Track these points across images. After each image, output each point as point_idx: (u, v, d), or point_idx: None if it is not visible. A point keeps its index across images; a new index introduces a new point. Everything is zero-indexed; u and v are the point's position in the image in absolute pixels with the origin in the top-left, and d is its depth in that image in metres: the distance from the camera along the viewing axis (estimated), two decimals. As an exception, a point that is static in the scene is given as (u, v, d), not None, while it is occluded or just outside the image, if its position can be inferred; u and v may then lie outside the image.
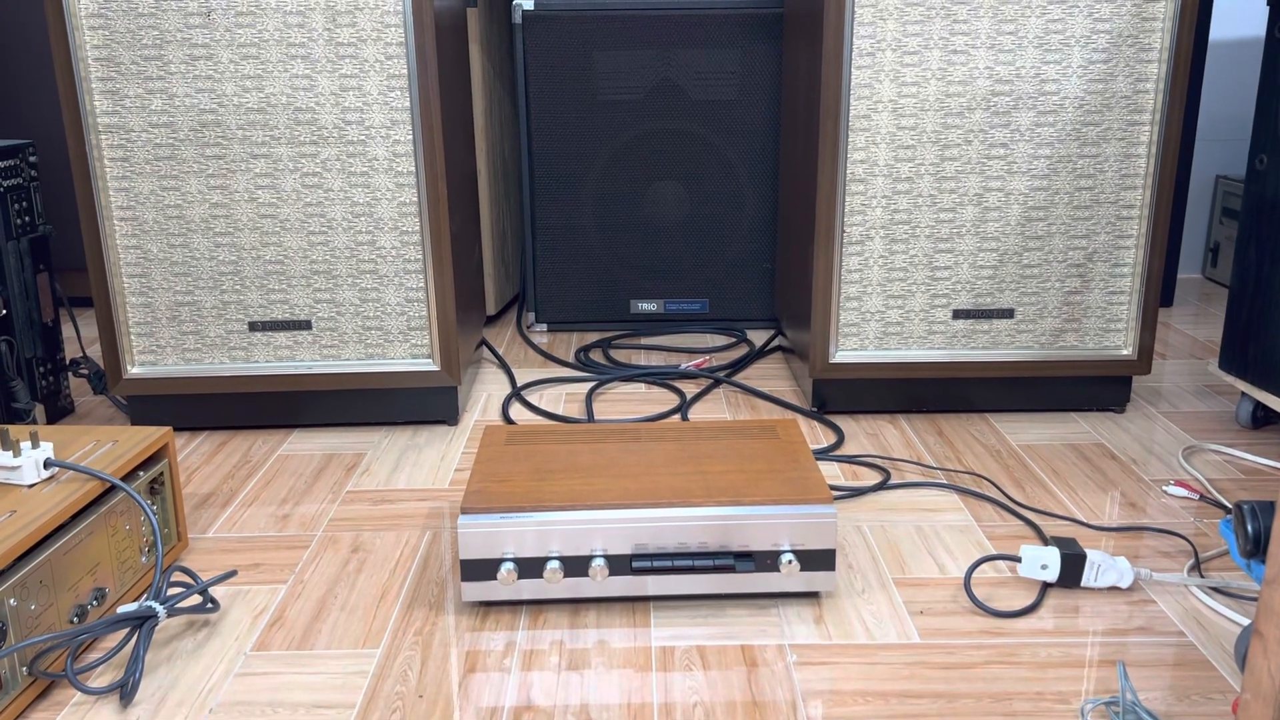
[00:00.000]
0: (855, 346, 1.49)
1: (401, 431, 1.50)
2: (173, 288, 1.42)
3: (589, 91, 1.86)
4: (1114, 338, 1.48)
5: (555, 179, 1.91)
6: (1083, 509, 1.24)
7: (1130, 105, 1.39)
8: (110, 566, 0.99)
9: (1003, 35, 1.37)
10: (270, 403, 1.49)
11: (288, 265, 1.42)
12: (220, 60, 1.34)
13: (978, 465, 1.36)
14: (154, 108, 1.35)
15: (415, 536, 1.18)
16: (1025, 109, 1.39)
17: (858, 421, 1.52)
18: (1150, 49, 1.37)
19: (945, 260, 1.45)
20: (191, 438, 1.48)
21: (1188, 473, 1.33)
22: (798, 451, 1.12)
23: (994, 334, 1.48)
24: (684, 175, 1.91)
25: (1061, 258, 1.45)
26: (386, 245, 1.42)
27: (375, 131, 1.37)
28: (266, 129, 1.37)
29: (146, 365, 1.45)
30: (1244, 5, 2.25)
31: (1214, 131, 2.32)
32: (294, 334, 1.44)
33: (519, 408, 1.59)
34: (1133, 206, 1.43)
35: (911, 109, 1.39)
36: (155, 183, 1.38)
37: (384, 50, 1.34)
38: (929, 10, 1.36)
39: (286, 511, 1.25)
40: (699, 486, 1.04)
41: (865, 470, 1.35)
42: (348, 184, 1.39)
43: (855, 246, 1.45)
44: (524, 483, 1.05)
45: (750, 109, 1.86)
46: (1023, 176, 1.42)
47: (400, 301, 1.44)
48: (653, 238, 1.94)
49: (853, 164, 1.42)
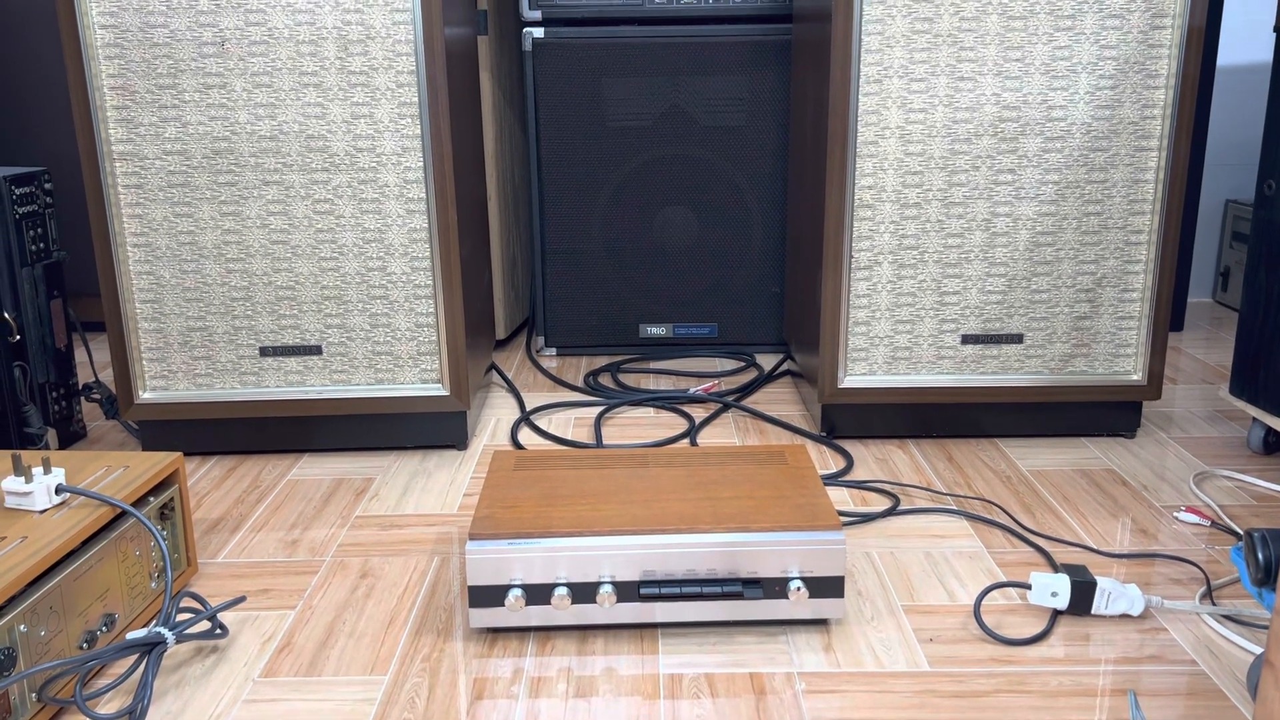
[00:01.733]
0: (864, 371, 1.49)
1: (411, 456, 1.50)
2: (185, 313, 1.43)
3: (598, 118, 1.87)
4: (1124, 363, 1.48)
5: (565, 204, 1.92)
6: (1093, 535, 1.23)
7: (1138, 131, 1.40)
8: (120, 592, 0.99)
9: (1010, 62, 1.37)
10: (280, 427, 1.50)
11: (299, 291, 1.43)
12: (234, 89, 1.35)
13: (987, 491, 1.36)
14: (168, 135, 1.37)
15: (423, 562, 1.19)
16: (1033, 135, 1.40)
17: (867, 446, 1.52)
18: (1157, 75, 1.38)
19: (954, 285, 1.45)
20: (202, 462, 1.49)
21: (1199, 499, 1.33)
22: (806, 477, 1.12)
23: (1003, 359, 1.48)
24: (692, 200, 1.91)
25: (1070, 283, 1.45)
26: (397, 271, 1.43)
27: (386, 158, 1.39)
28: (278, 156, 1.38)
29: (158, 390, 1.45)
30: (1252, 31, 2.26)
31: (1223, 156, 2.32)
32: (304, 359, 1.45)
33: (528, 432, 1.60)
34: (1141, 232, 1.43)
35: (919, 135, 1.40)
36: (168, 209, 1.39)
37: (395, 79, 1.36)
38: (936, 38, 1.37)
39: (296, 536, 1.26)
40: (707, 513, 1.04)
41: (874, 496, 1.35)
42: (359, 210, 1.40)
43: (863, 271, 1.45)
44: (532, 509, 1.05)
45: (758, 134, 1.87)
46: (1031, 202, 1.42)
47: (410, 327, 1.45)
48: (661, 262, 1.95)
49: (860, 189, 1.42)
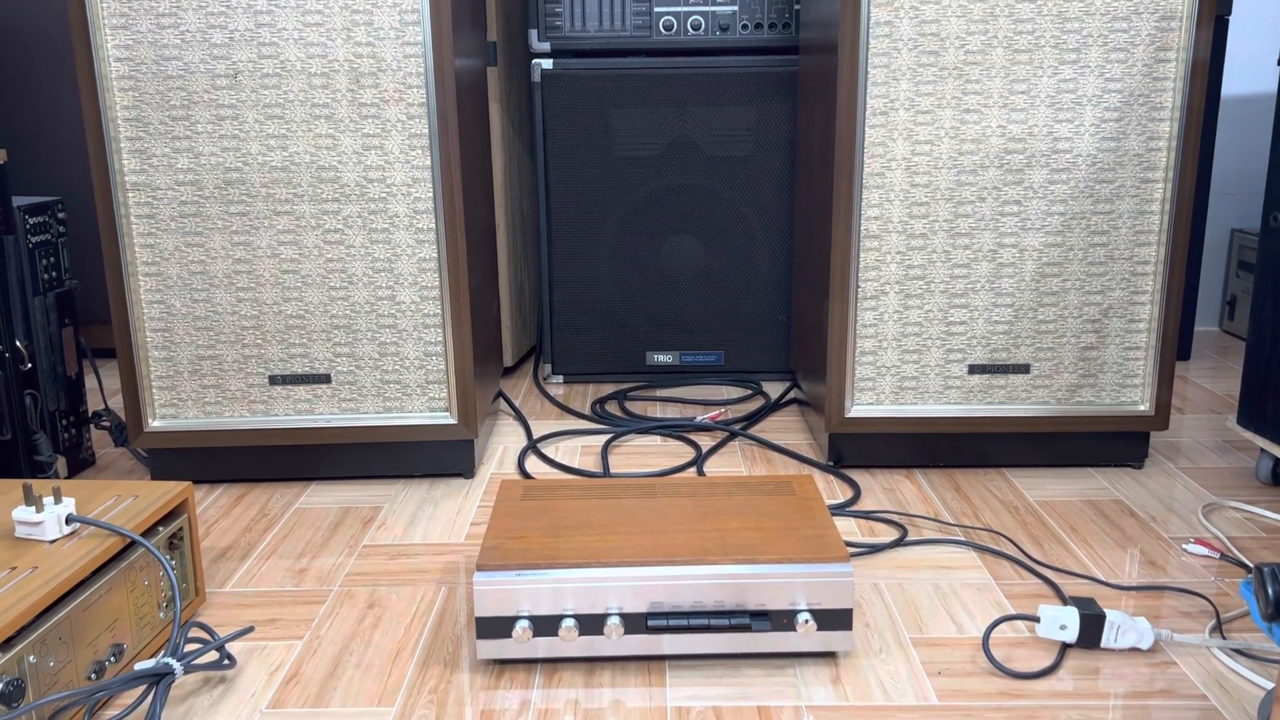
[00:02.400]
0: (871, 401, 1.49)
1: (418, 484, 1.51)
2: (195, 342, 1.44)
3: (606, 148, 1.88)
4: (1131, 393, 1.48)
5: (572, 233, 1.93)
6: (1102, 567, 1.23)
7: (1143, 163, 1.40)
8: (129, 622, 1.00)
9: (1015, 94, 1.38)
10: (288, 456, 1.50)
11: (308, 320, 1.44)
12: (246, 120, 1.37)
13: (995, 522, 1.35)
14: (180, 166, 1.38)
15: (431, 592, 1.19)
16: (1038, 166, 1.41)
17: (874, 476, 1.52)
18: (1162, 108, 1.39)
19: (960, 315, 1.46)
20: (210, 490, 1.49)
21: (1208, 530, 1.32)
22: (814, 508, 1.12)
23: (1010, 389, 1.48)
24: (699, 229, 1.92)
25: (1077, 313, 1.45)
26: (406, 300, 1.44)
27: (396, 189, 1.40)
28: (289, 187, 1.39)
29: (167, 419, 1.46)
30: (1256, 62, 2.27)
31: (1229, 185, 2.33)
32: (313, 388, 1.46)
33: (535, 460, 1.60)
34: (1147, 263, 1.44)
35: (925, 166, 1.41)
36: (180, 239, 1.40)
37: (406, 111, 1.37)
38: (942, 71, 1.38)
39: (303, 566, 1.26)
40: (715, 544, 1.04)
41: (882, 526, 1.35)
42: (368, 240, 1.41)
43: (870, 301, 1.46)
44: (539, 539, 1.05)
45: (765, 164, 1.89)
46: (1037, 233, 1.43)
47: (419, 355, 1.45)
48: (668, 290, 1.96)
49: (867, 220, 1.43)
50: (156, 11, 1.33)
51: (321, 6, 1.34)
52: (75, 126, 2.08)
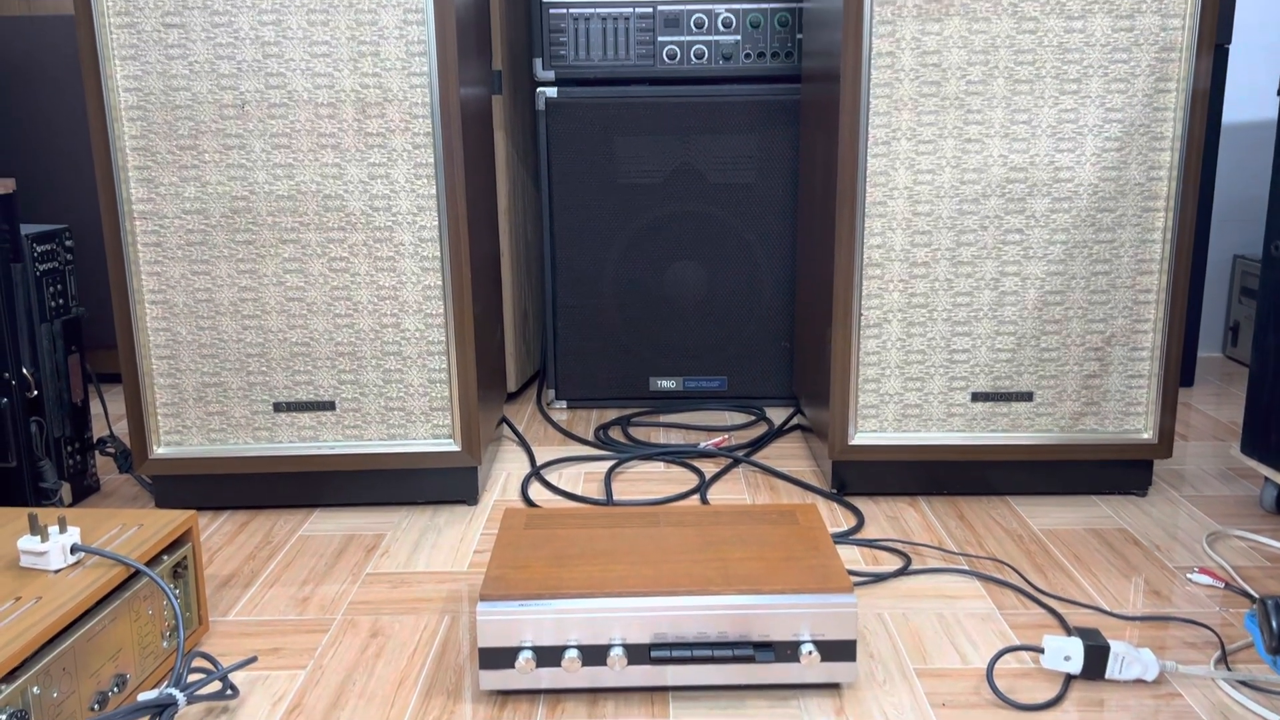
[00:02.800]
0: (874, 429, 1.49)
1: (421, 511, 1.51)
2: (200, 369, 1.44)
3: (610, 175, 1.90)
4: (1134, 421, 1.48)
5: (576, 259, 1.94)
6: (1106, 596, 1.22)
7: (1144, 192, 1.41)
8: (132, 652, 1.00)
9: (1016, 124, 1.39)
10: (293, 483, 1.51)
11: (313, 347, 1.44)
12: (253, 150, 1.38)
13: (999, 550, 1.35)
14: (187, 195, 1.39)
15: (434, 621, 1.18)
16: (1040, 196, 1.41)
17: (878, 504, 1.51)
18: (1163, 138, 1.40)
19: (963, 343, 1.46)
20: (214, 517, 1.50)
21: (1212, 559, 1.32)
22: (818, 538, 1.12)
23: (1013, 417, 1.48)
24: (703, 255, 1.93)
25: (1079, 341, 1.46)
26: (410, 328, 1.44)
27: (402, 218, 1.41)
28: (296, 215, 1.40)
29: (172, 446, 1.46)
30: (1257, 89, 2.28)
31: (1230, 212, 2.34)
32: (318, 415, 1.46)
33: (538, 487, 1.60)
34: (1149, 291, 1.44)
35: (927, 196, 1.42)
36: (186, 267, 1.41)
37: (412, 140, 1.38)
38: (943, 101, 1.39)
39: (307, 594, 1.26)
40: (718, 574, 1.04)
41: (886, 555, 1.34)
42: (374, 268, 1.42)
43: (873, 329, 1.46)
44: (542, 569, 1.05)
45: (768, 191, 1.90)
46: (1039, 261, 1.43)
47: (423, 383, 1.46)
48: (672, 316, 1.96)
49: (869, 248, 1.44)
50: (165, 43, 1.35)
51: (329, 37, 1.35)
52: (84, 154, 2.10)
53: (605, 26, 1.84)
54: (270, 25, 1.35)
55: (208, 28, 1.35)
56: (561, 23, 1.84)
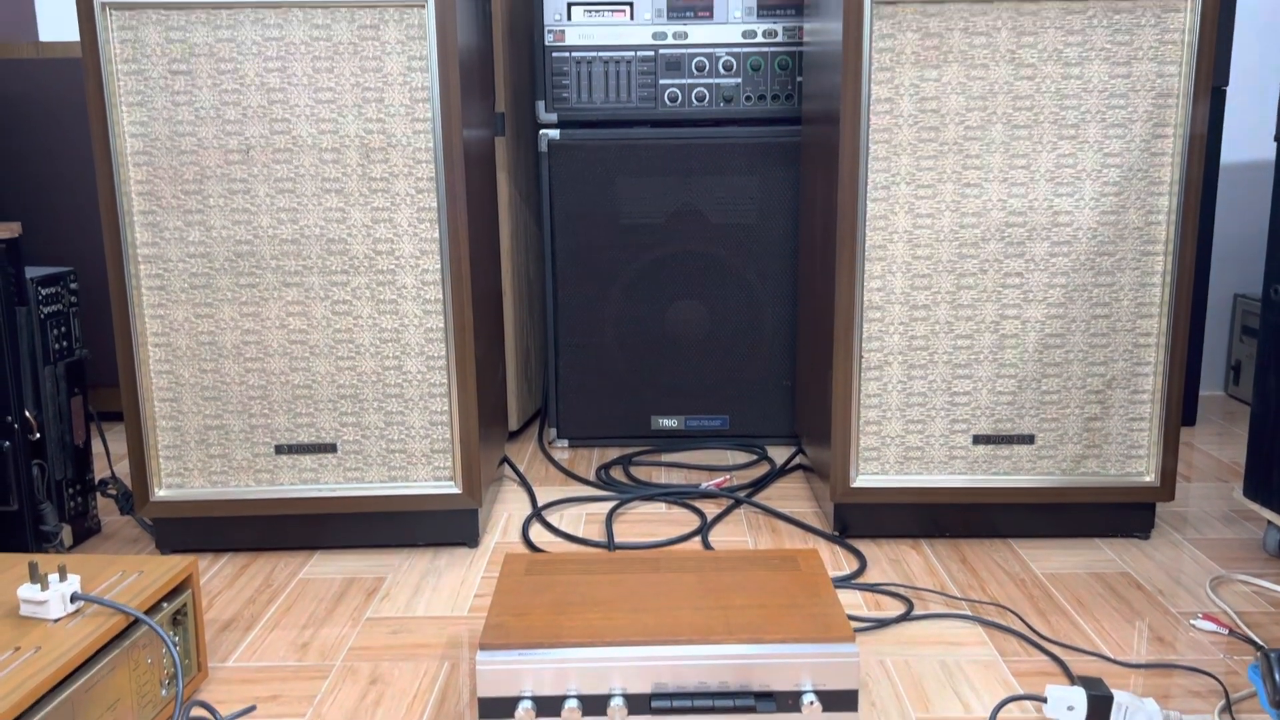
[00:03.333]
0: (876, 471, 1.49)
1: (422, 554, 1.50)
2: (202, 411, 1.44)
3: (612, 215, 1.91)
4: (1136, 464, 1.48)
5: (578, 298, 1.94)
6: (1109, 643, 1.22)
7: (1143, 236, 1.42)
8: (130, 701, 0.99)
9: (1015, 169, 1.40)
10: (293, 525, 1.51)
11: (315, 390, 1.45)
12: (257, 194, 1.39)
13: (1001, 595, 1.35)
14: (192, 239, 1.40)
15: (434, 667, 1.18)
16: (1039, 239, 1.42)
17: (880, 546, 1.51)
18: (1161, 182, 1.40)
19: (964, 386, 1.46)
20: (215, 559, 1.49)
21: (1216, 605, 1.31)
22: (819, 584, 1.11)
23: (1015, 460, 1.48)
24: (704, 295, 1.94)
25: (1080, 384, 1.46)
26: (412, 370, 1.45)
27: (405, 261, 1.42)
28: (299, 259, 1.41)
29: (173, 488, 1.47)
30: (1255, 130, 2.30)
31: (1230, 251, 2.35)
32: (319, 457, 1.46)
33: (539, 529, 1.60)
34: (1150, 334, 1.44)
35: (927, 239, 1.42)
36: (190, 310, 1.42)
37: (415, 185, 1.39)
38: (942, 146, 1.40)
39: (306, 639, 1.25)
40: (720, 622, 1.03)
41: (888, 599, 1.34)
42: (376, 311, 1.43)
43: (874, 371, 1.46)
44: (543, 616, 1.05)
45: (769, 231, 1.91)
46: (1039, 305, 1.44)
47: (424, 425, 1.46)
48: (673, 355, 1.97)
49: (870, 291, 1.44)
50: (172, 89, 1.36)
51: (333, 84, 1.37)
52: (90, 195, 2.11)
53: (607, 69, 1.86)
54: (275, 72, 1.36)
55: (214, 74, 1.36)
56: (564, 65, 1.86)
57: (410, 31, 1.36)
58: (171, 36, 1.35)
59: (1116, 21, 1.37)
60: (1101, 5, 1.36)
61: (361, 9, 1.35)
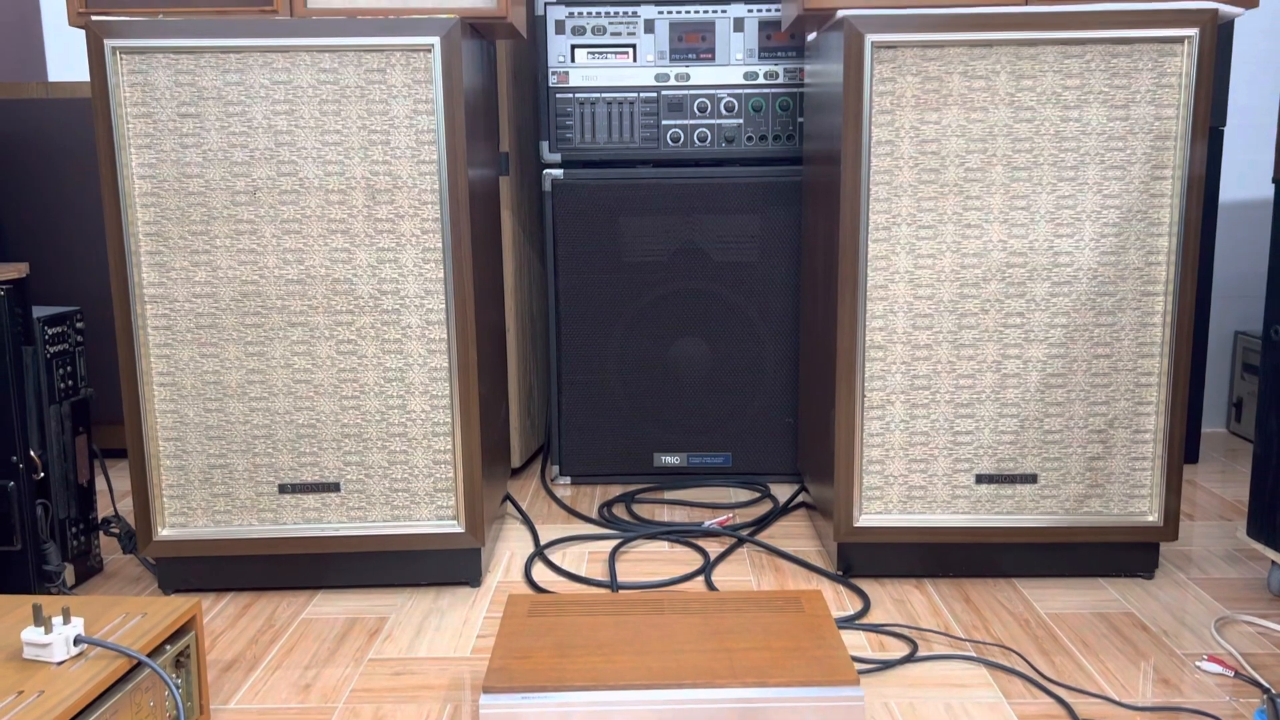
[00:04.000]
0: (879, 510, 1.49)
1: (424, 594, 1.50)
2: (206, 450, 1.45)
3: (615, 253, 1.92)
4: (1139, 503, 1.48)
5: (581, 335, 1.95)
6: (1114, 684, 1.21)
7: (1143, 276, 1.43)
8: (132, 745, 0.99)
9: (1015, 210, 1.41)
10: (296, 564, 1.50)
11: (319, 429, 1.45)
12: (263, 235, 1.40)
13: (1006, 635, 1.34)
14: (198, 279, 1.41)
15: (436, 710, 1.17)
16: (1040, 280, 1.43)
17: (884, 586, 1.51)
18: (1160, 223, 1.42)
19: (966, 425, 1.47)
20: (218, 599, 1.49)
21: (1221, 646, 1.31)
22: (823, 626, 1.11)
23: (1018, 499, 1.48)
24: (706, 332, 1.95)
25: (1082, 424, 1.46)
26: (416, 409, 1.45)
27: (410, 301, 1.42)
28: (305, 299, 1.42)
29: (177, 527, 1.47)
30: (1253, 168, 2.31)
31: (1230, 288, 2.36)
32: (323, 496, 1.47)
33: (542, 568, 1.59)
34: (1151, 374, 1.45)
35: (928, 280, 1.43)
36: (195, 350, 1.43)
37: (420, 225, 1.41)
38: (942, 188, 1.41)
39: (309, 680, 1.25)
40: (723, 665, 1.03)
41: (892, 640, 1.33)
42: (381, 350, 1.44)
43: (876, 411, 1.47)
44: (546, 659, 1.05)
45: (770, 270, 1.92)
46: (1040, 344, 1.44)
47: (428, 463, 1.46)
48: (676, 392, 1.97)
49: (871, 331, 1.45)
50: (180, 131, 1.38)
51: (340, 126, 1.39)
52: (97, 233, 2.13)
53: (610, 110, 1.88)
54: (283, 115, 1.38)
55: (222, 117, 1.38)
56: (568, 106, 1.88)
57: (416, 75, 1.38)
58: (181, 80, 1.37)
59: (1114, 65, 1.38)
60: (1099, 49, 1.38)
61: (369, 53, 1.37)
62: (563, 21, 1.87)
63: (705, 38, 1.87)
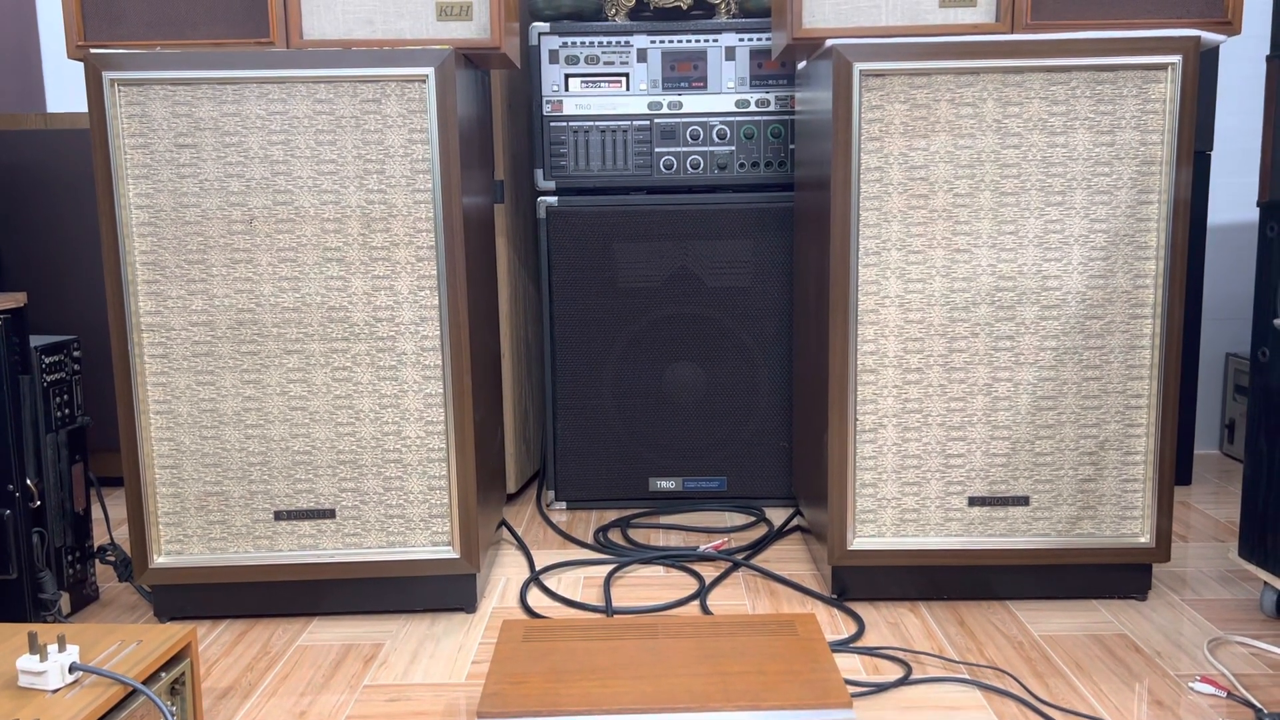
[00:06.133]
0: (873, 533, 1.50)
1: (420, 620, 1.50)
2: (202, 478, 1.45)
3: (609, 279, 1.93)
4: (1131, 525, 1.48)
5: (576, 361, 1.96)
6: (1108, 707, 1.22)
7: (1131, 300, 1.44)
8: (127, 774, 0.99)
9: (1003, 235, 1.43)
10: (291, 591, 1.51)
11: (315, 456, 1.46)
12: (259, 264, 1.42)
13: (1000, 658, 1.35)
14: (194, 308, 1.42)
15: (432, 736, 1.18)
16: (1029, 303, 1.44)
17: (878, 609, 1.51)
18: (1147, 247, 1.43)
19: (958, 448, 1.48)
20: (213, 626, 1.49)
21: (1214, 667, 1.31)
22: (817, 650, 1.12)
23: (1010, 521, 1.49)
24: (701, 357, 1.96)
25: (1074, 446, 1.47)
26: (411, 435, 1.46)
27: (404, 328, 1.44)
28: (300, 326, 1.43)
29: (172, 555, 1.47)
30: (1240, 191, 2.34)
31: (1222, 311, 2.37)
32: (318, 523, 1.47)
33: (537, 593, 1.60)
34: (1141, 396, 1.46)
35: (918, 304, 1.45)
36: (191, 378, 1.44)
37: (415, 253, 1.42)
38: (931, 213, 1.43)
39: (304, 707, 1.25)
40: (718, 690, 1.03)
41: (886, 663, 1.34)
42: (376, 377, 1.45)
43: (869, 434, 1.48)
44: (540, 685, 1.05)
45: (763, 294, 1.93)
46: (1030, 367, 1.46)
47: (423, 490, 1.47)
48: (671, 417, 1.98)
49: (863, 355, 1.46)
50: (177, 162, 1.39)
51: (335, 155, 1.40)
52: (95, 262, 2.14)
53: (604, 138, 1.90)
54: (279, 145, 1.40)
55: (219, 147, 1.40)
56: (562, 135, 1.90)
57: (411, 105, 1.39)
58: (178, 111, 1.39)
59: (1099, 91, 1.41)
60: (1084, 76, 1.40)
61: (364, 84, 1.39)
62: (556, 51, 1.90)
63: (697, 66, 1.89)
